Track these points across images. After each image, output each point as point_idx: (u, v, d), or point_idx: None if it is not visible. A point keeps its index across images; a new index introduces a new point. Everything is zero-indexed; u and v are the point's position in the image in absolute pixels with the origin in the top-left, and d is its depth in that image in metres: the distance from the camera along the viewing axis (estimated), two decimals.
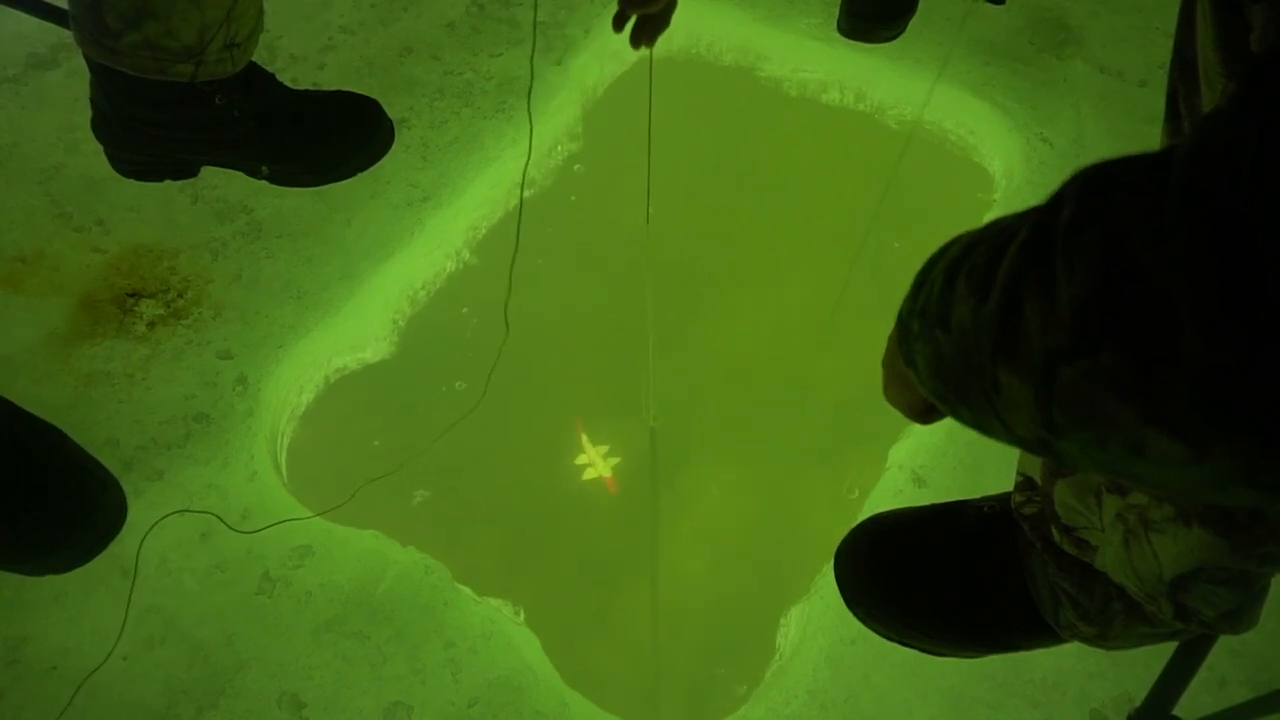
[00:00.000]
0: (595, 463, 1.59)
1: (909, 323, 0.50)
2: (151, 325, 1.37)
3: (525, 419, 1.57)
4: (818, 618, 1.23)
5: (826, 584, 1.26)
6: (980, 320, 0.40)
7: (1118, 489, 0.71)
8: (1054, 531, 0.80)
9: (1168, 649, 0.89)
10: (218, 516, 1.23)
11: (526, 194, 1.73)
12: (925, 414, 0.63)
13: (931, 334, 0.46)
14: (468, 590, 1.25)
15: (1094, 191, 0.34)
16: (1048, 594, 0.83)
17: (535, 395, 1.56)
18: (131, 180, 1.38)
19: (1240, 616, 0.72)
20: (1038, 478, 0.83)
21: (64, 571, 1.15)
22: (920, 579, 0.91)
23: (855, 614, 0.96)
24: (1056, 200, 0.36)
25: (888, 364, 0.64)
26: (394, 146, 1.52)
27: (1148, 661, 1.13)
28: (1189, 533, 0.65)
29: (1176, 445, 0.31)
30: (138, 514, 1.22)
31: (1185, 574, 0.68)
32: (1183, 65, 0.61)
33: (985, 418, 0.43)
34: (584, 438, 1.60)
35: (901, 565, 0.93)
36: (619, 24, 1.12)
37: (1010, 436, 0.42)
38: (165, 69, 1.16)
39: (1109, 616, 0.78)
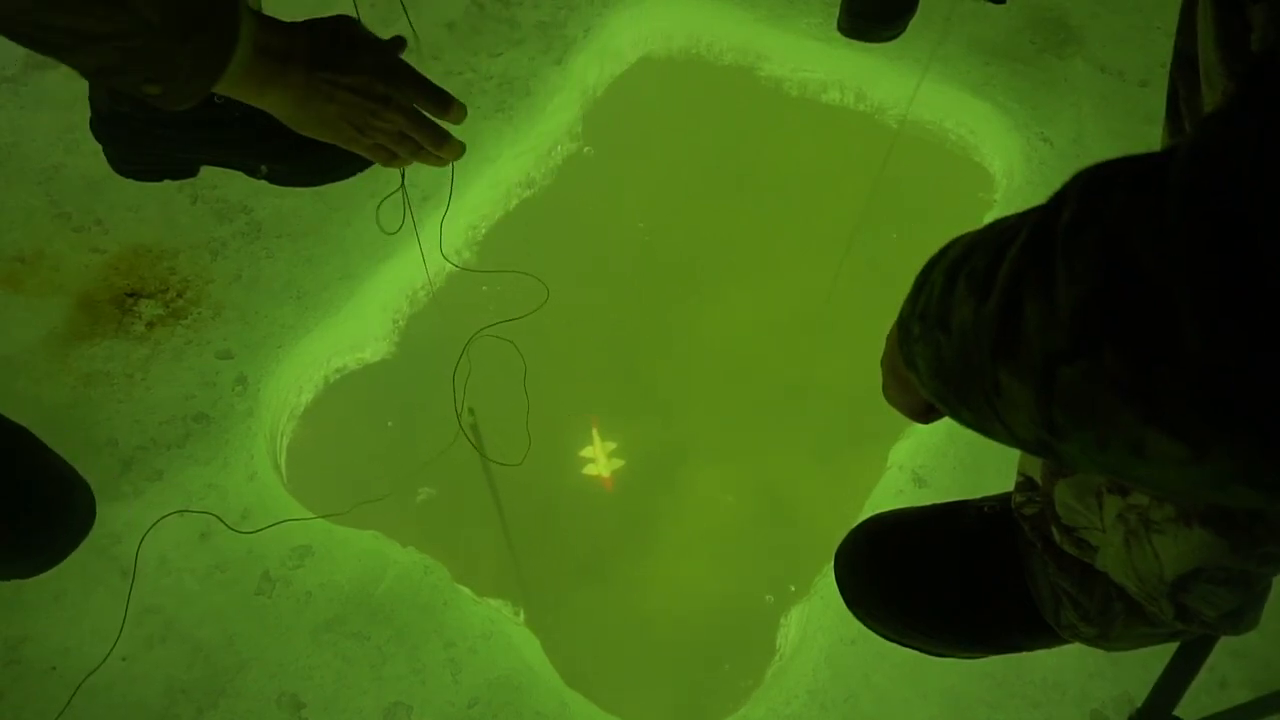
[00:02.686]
0: (599, 459, 1.59)
1: (909, 325, 0.50)
2: (151, 325, 1.37)
3: (524, 418, 1.57)
4: (818, 618, 1.23)
5: (826, 584, 1.26)
6: (980, 321, 0.40)
7: (1118, 489, 0.71)
8: (1054, 532, 0.80)
9: (1168, 650, 0.89)
10: (217, 517, 1.23)
11: (526, 194, 1.73)
12: (925, 414, 0.63)
13: (932, 336, 0.46)
14: (468, 590, 1.25)
15: (1094, 192, 0.34)
16: (1048, 594, 0.83)
17: (534, 395, 1.55)
18: (131, 180, 1.38)
19: (1241, 617, 0.72)
20: (1038, 478, 0.83)
21: (35, 575, 1.14)
22: (920, 579, 0.91)
23: (855, 614, 0.96)
24: (1057, 201, 0.36)
25: (887, 365, 0.64)
26: None
27: (1148, 662, 1.12)
28: (1190, 533, 0.65)
29: (1177, 445, 0.31)
30: (138, 514, 1.22)
31: (1186, 574, 0.68)
32: (1183, 65, 0.60)
33: (986, 419, 0.43)
34: (595, 433, 1.60)
35: (901, 565, 0.93)
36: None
37: (1012, 438, 0.42)
38: None
39: (1109, 617, 0.78)
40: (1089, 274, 0.32)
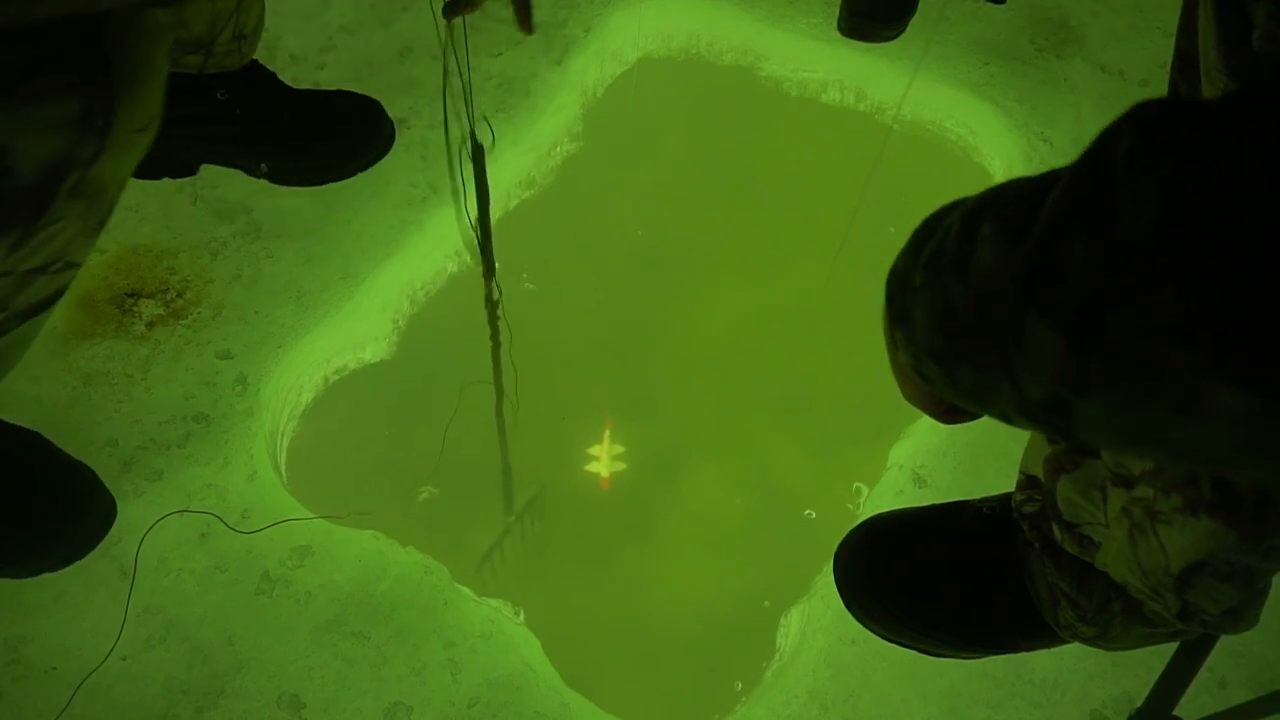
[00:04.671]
0: (602, 459, 1.59)
1: (909, 275, 0.47)
2: (151, 325, 1.37)
3: (524, 419, 1.57)
4: (818, 618, 1.23)
5: (826, 584, 1.26)
6: (1010, 264, 0.37)
7: (1123, 483, 0.71)
8: (1055, 529, 0.80)
9: (1168, 649, 0.89)
10: (217, 517, 1.23)
11: (526, 194, 1.73)
12: (950, 413, 0.58)
13: (943, 283, 0.43)
14: (468, 590, 1.25)
15: (1155, 123, 0.32)
16: (1046, 594, 0.83)
17: (535, 396, 1.56)
18: (130, 178, 1.38)
19: (1242, 615, 0.72)
20: (1040, 475, 0.83)
21: (58, 569, 1.15)
22: (919, 580, 0.91)
23: (854, 614, 0.96)
24: (1109, 135, 0.33)
25: (896, 362, 0.63)
26: (394, 146, 1.52)
27: (1148, 662, 1.12)
28: (1197, 523, 0.65)
29: (1241, 396, 0.29)
30: (138, 514, 1.22)
31: (1191, 566, 0.68)
32: (1184, 63, 0.61)
33: (991, 378, 0.40)
34: (607, 433, 1.60)
35: (900, 566, 0.93)
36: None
37: (1015, 398, 0.39)
38: (174, 60, 1.16)
39: (1108, 617, 0.78)
40: (1155, 207, 0.30)
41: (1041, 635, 0.86)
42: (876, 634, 0.95)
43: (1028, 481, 0.85)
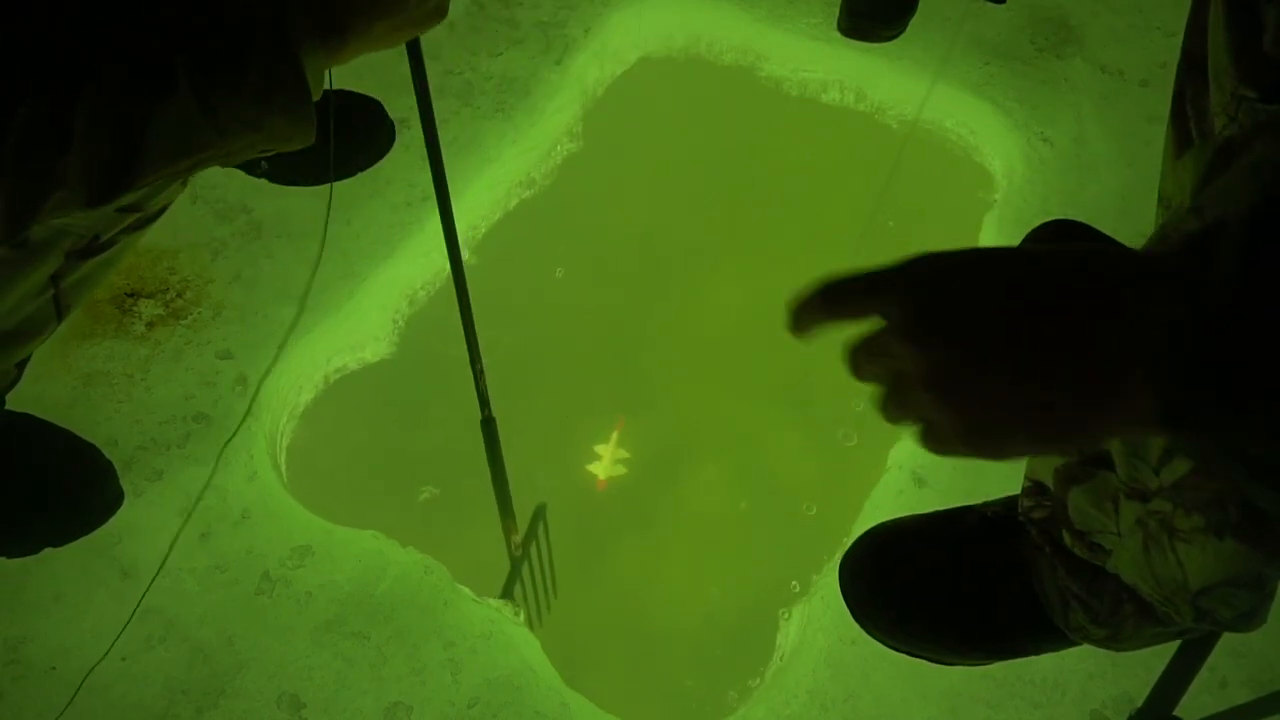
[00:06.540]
0: (605, 460, 1.59)
1: None
2: (151, 325, 1.37)
3: (526, 420, 1.57)
4: (818, 618, 1.23)
5: (827, 584, 1.26)
6: None
7: (1138, 496, 0.70)
8: (1065, 536, 0.79)
9: (1168, 649, 0.89)
10: (218, 517, 1.23)
11: (526, 194, 1.73)
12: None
13: None
14: (468, 590, 1.25)
15: None
16: (1056, 598, 0.82)
17: (536, 396, 1.56)
18: None
19: (1254, 615, 0.71)
20: (1049, 483, 0.82)
21: (60, 545, 1.17)
22: (925, 591, 0.91)
23: (862, 627, 0.95)
24: None
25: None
26: (394, 146, 1.52)
27: (1148, 662, 1.12)
28: (1221, 545, 0.63)
29: None
30: (138, 514, 1.22)
31: (1212, 584, 0.67)
32: (1190, 65, 0.60)
33: None
34: (616, 434, 1.60)
35: (905, 577, 0.92)
36: None
37: None
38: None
39: (1120, 619, 0.78)
40: None
41: (1049, 639, 0.86)
42: (886, 645, 0.95)
43: (1035, 488, 0.85)
